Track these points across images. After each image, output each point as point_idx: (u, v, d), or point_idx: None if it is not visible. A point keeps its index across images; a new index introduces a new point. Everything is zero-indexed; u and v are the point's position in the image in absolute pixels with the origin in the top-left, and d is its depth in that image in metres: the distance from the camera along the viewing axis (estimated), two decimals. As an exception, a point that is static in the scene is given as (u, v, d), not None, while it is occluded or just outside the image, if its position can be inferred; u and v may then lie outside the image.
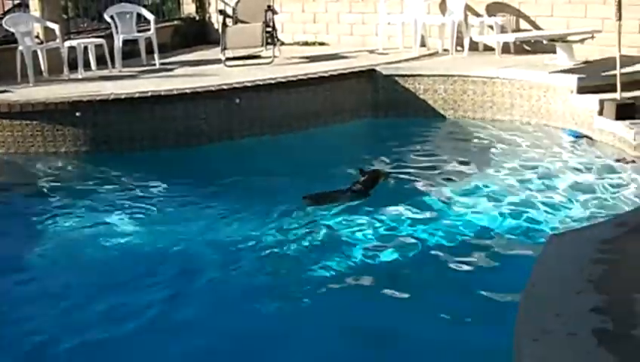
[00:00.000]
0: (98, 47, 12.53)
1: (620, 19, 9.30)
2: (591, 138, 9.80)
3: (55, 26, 12.11)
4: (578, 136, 9.94)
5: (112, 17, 12.73)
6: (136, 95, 10.40)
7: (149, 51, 13.06)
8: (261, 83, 10.95)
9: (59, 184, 9.33)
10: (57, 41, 12.12)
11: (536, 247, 6.08)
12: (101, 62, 12.53)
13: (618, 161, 8.80)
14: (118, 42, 12.62)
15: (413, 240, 7.10)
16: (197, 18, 15.92)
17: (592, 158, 9.14)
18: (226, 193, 8.74)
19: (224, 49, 12.57)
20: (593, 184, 8.28)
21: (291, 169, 9.56)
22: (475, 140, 10.50)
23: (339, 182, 8.70)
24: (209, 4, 15.81)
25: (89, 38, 12.97)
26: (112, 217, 8.07)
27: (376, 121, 11.64)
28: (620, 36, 9.32)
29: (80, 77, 11.97)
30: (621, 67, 9.44)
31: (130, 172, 9.56)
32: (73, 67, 12.15)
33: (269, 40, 12.82)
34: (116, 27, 12.70)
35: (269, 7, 12.90)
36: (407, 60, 12.44)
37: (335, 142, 10.74)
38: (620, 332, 3.70)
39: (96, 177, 9.48)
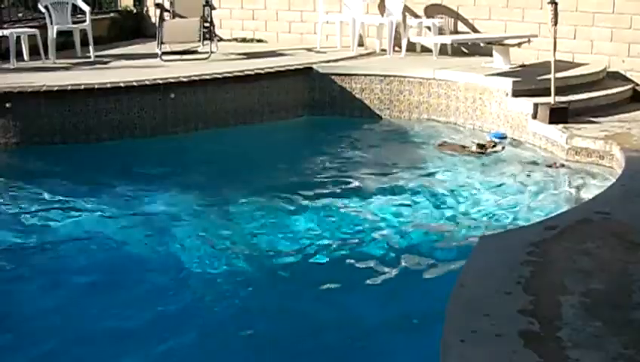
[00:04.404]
0: (31, 37, 12.27)
1: (555, 24, 9.39)
2: (514, 139, 9.97)
3: (-13, 15, 11.87)
4: (501, 137, 10.05)
5: (46, 7, 12.48)
6: (69, 87, 10.21)
7: (85, 43, 12.83)
8: (197, 78, 10.83)
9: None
10: (-11, 30, 11.89)
11: (466, 249, 6.10)
12: (34, 53, 12.28)
13: (549, 166, 8.88)
14: (52, 33, 12.37)
15: (336, 240, 7.10)
16: (134, 11, 15.71)
17: (522, 161, 9.21)
18: (160, 187, 8.69)
19: (161, 43, 12.43)
20: (523, 187, 8.36)
21: (225, 164, 9.58)
22: (408, 141, 10.51)
23: (273, 176, 8.82)
24: (147, -3, 15.64)
25: (23, 27, 12.72)
26: (42, 210, 7.94)
27: (312, 119, 11.60)
28: (555, 41, 9.41)
29: (12, 67, 11.71)
30: (556, 72, 9.53)
31: (62, 165, 9.42)
32: (5, 57, 11.90)
33: (207, 35, 12.70)
34: (50, 17, 12.46)
35: (207, 2, 12.77)
36: (344, 59, 12.41)
37: (270, 138, 10.71)
38: (546, 333, 3.72)
39: (27, 170, 9.35)
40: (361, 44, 13.33)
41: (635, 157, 7.82)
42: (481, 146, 9.64)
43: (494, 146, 9.71)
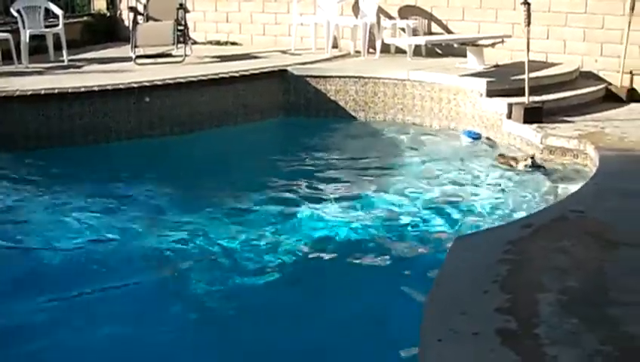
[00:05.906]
0: (4, 41, 12.19)
1: (528, 24, 9.44)
2: (488, 138, 10.06)
3: (-42, 20, 11.78)
4: (475, 137, 10.10)
5: (18, 11, 12.40)
6: (42, 92, 10.15)
7: (58, 47, 12.76)
8: (171, 82, 10.82)
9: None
10: (-39, 34, 11.80)
11: (443, 249, 6.11)
12: (7, 57, 12.21)
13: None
14: (24, 37, 12.28)
15: (312, 240, 7.11)
16: (108, 14, 15.67)
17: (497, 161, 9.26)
18: (135, 191, 8.67)
19: (135, 46, 12.39)
20: (498, 186, 8.40)
21: (200, 167, 9.59)
22: (383, 142, 10.55)
23: (248, 179, 8.89)
24: (120, 0, 15.57)
25: (-5, 32, 12.65)
26: (15, 216, 7.90)
27: (287, 121, 11.61)
28: (528, 41, 9.46)
29: (-16, 72, 11.66)
30: (530, 72, 9.57)
31: (36, 170, 9.34)
32: (-23, 62, 11.86)
33: (181, 39, 12.69)
34: (23, 22, 12.38)
35: (180, 5, 12.77)
36: (319, 61, 12.42)
37: (245, 141, 10.69)
38: (523, 331, 3.73)
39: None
40: (335, 45, 13.34)
41: (608, 155, 7.87)
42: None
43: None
